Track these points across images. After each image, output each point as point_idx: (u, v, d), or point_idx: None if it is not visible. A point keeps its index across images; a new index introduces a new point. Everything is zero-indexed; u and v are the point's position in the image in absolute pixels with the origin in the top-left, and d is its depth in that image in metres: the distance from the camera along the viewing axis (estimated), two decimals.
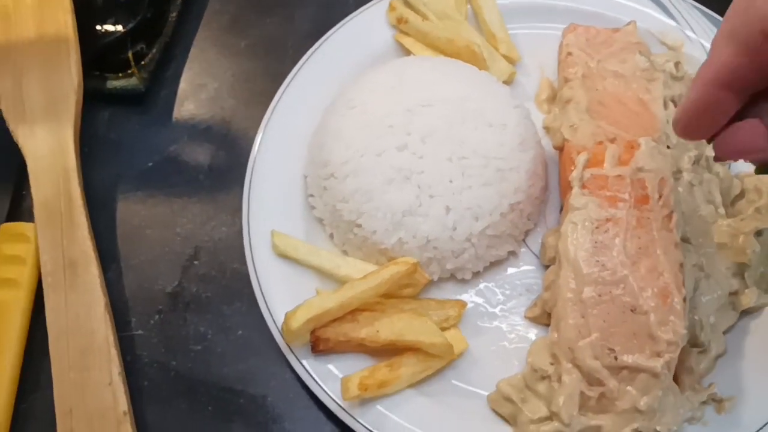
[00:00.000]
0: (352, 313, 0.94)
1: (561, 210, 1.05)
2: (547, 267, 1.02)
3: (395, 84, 1.03)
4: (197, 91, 1.23)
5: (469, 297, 1.02)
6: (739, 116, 0.68)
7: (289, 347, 0.95)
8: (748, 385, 0.94)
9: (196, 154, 1.18)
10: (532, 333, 0.99)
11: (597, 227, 0.91)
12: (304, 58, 1.16)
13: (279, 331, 0.96)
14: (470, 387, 0.95)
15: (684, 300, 0.87)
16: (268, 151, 1.09)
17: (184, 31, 1.28)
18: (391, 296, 0.98)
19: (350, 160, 0.99)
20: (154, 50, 1.22)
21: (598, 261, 0.90)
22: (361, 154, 0.99)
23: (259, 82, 1.23)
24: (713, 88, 0.65)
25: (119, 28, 1.22)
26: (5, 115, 1.11)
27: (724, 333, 0.97)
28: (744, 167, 1.10)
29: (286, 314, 0.92)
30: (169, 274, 1.08)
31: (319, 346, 0.93)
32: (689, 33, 1.18)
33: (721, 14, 1.18)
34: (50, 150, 1.08)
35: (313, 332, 0.93)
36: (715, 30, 1.16)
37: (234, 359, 1.02)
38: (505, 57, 1.15)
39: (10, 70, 1.13)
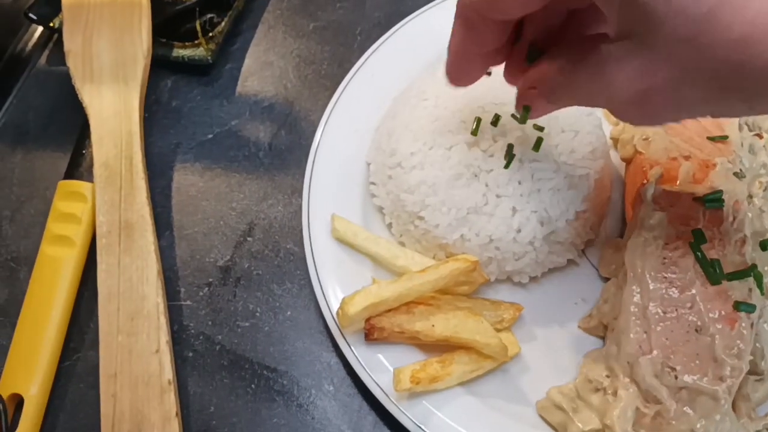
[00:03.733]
0: (408, 305, 0.93)
1: (623, 222, 1.04)
2: (603, 279, 1.01)
3: None
4: (262, 68, 1.23)
5: (525, 301, 1.01)
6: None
7: (342, 333, 0.94)
8: None
9: (257, 131, 1.17)
10: (586, 343, 0.98)
11: (667, 244, 0.90)
12: (374, 46, 1.15)
13: (332, 314, 0.95)
14: (520, 391, 0.94)
15: (752, 326, 0.85)
16: (332, 135, 1.08)
17: (255, 6, 1.28)
18: (446, 292, 0.97)
19: (419, 152, 0.98)
20: (223, 23, 1.22)
21: (665, 277, 0.88)
22: (430, 146, 0.98)
23: (325, 65, 1.23)
24: (457, 55, 0.80)
25: None
26: (73, 72, 1.10)
27: None
28: None
29: (343, 299, 0.91)
30: (221, 247, 1.08)
31: (373, 335, 0.91)
32: None
33: None
34: (115, 112, 1.08)
35: (368, 320, 0.92)
36: None
37: (281, 339, 1.01)
38: None
39: (81, 29, 1.13)
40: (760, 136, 1.04)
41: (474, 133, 0.95)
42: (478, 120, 0.95)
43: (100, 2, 1.14)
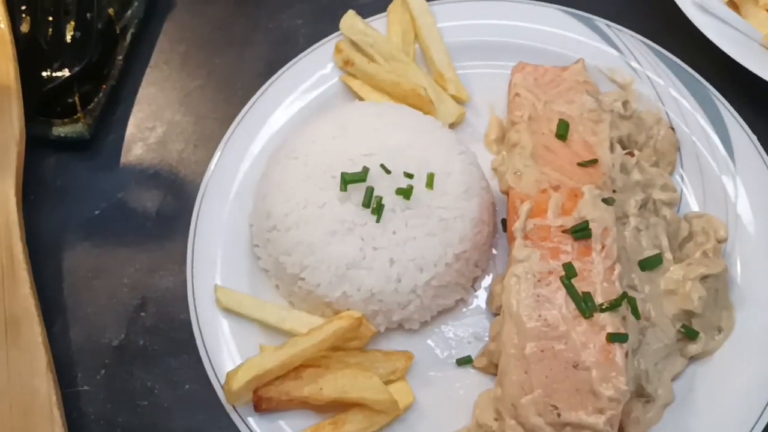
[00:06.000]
0: (296, 369, 0.93)
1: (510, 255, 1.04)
2: (495, 314, 1.01)
3: (337, 134, 1.02)
4: (145, 135, 1.22)
5: (419, 345, 1.01)
6: None
7: (233, 406, 0.94)
8: None
9: (144, 200, 1.16)
10: (481, 383, 0.98)
11: (539, 280, 0.91)
12: (250, 102, 1.15)
13: (222, 389, 0.94)
14: None
15: (626, 355, 0.86)
16: (213, 199, 1.08)
17: (132, 73, 1.26)
18: (337, 348, 0.97)
19: (292, 212, 0.98)
20: (100, 94, 1.20)
21: (540, 315, 0.89)
22: (303, 206, 0.98)
23: (208, 124, 1.22)
24: None
25: (65, 71, 1.21)
26: None
27: (672, 380, 0.97)
28: (693, 207, 1.10)
29: (227, 374, 0.91)
30: (115, 326, 1.07)
31: (261, 406, 0.92)
32: (635, 65, 1.17)
33: (669, 50, 1.17)
34: None
35: (255, 391, 0.92)
36: (663, 66, 1.16)
37: (181, 414, 1.00)
38: (454, 97, 1.15)
39: None
40: (632, 154, 1.05)
41: (343, 189, 0.95)
42: (344, 176, 0.95)
43: None
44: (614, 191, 1.00)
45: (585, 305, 0.88)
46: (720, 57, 1.12)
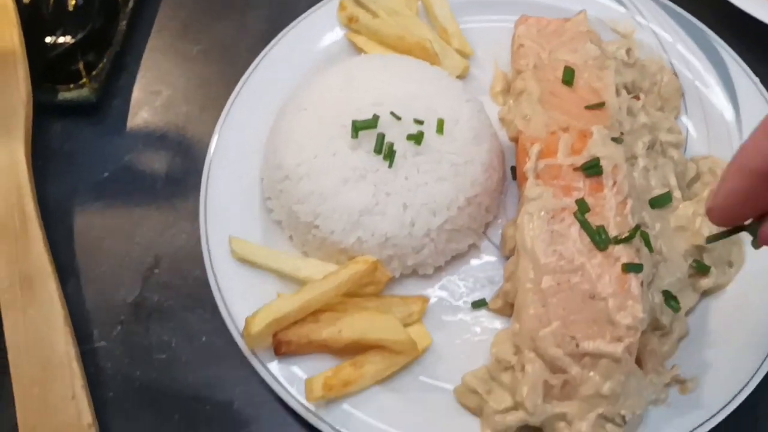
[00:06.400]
0: (314, 314, 0.94)
1: (520, 201, 1.05)
2: (508, 258, 1.02)
3: (346, 84, 1.02)
4: (151, 99, 1.22)
5: (433, 291, 1.02)
6: None
7: (252, 352, 0.94)
8: (711, 365, 0.94)
9: (153, 162, 1.17)
10: (497, 324, 0.99)
11: (553, 217, 0.92)
12: (256, 61, 1.15)
13: (241, 336, 0.95)
14: (436, 381, 0.95)
15: (641, 284, 0.87)
16: (223, 155, 1.08)
17: (135, 39, 1.27)
18: (353, 295, 0.97)
19: (304, 162, 0.99)
20: (104, 60, 1.21)
21: (555, 250, 0.90)
22: (315, 155, 0.98)
23: (213, 87, 1.22)
24: (755, 178, 0.66)
25: (68, 39, 1.21)
26: None
27: (686, 315, 0.98)
28: (699, 150, 1.11)
29: (246, 319, 0.92)
30: (129, 284, 1.07)
31: (281, 349, 0.92)
32: (639, 19, 1.19)
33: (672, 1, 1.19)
34: (1, 166, 1.07)
35: (274, 335, 0.92)
36: (665, 16, 1.17)
37: (199, 366, 1.01)
38: (458, 51, 1.16)
39: None
40: (637, 97, 1.07)
41: (354, 136, 0.96)
42: (354, 123, 0.96)
43: None
44: (621, 134, 1.01)
45: (599, 238, 0.89)
46: (720, 3, 1.13)
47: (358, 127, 0.96)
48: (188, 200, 1.12)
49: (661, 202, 0.99)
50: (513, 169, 1.09)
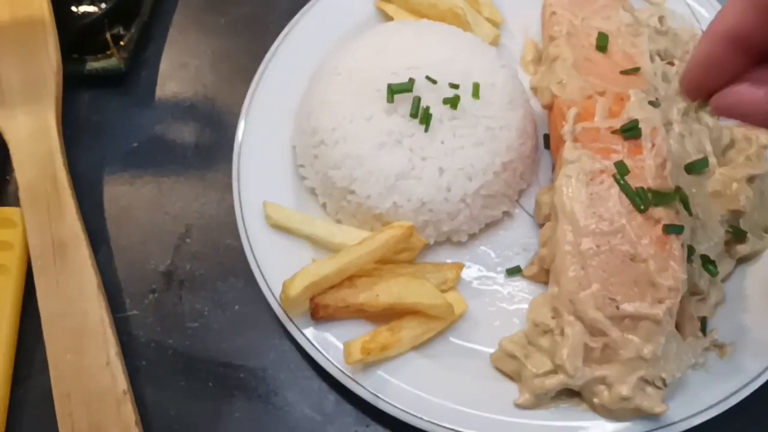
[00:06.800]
0: (350, 279, 0.93)
1: (553, 169, 1.05)
2: (541, 226, 1.02)
3: (380, 49, 1.02)
4: (178, 70, 1.22)
5: (467, 259, 1.01)
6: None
7: (288, 317, 0.94)
8: (747, 331, 0.94)
9: (182, 132, 1.16)
10: (531, 291, 0.99)
11: (592, 179, 0.91)
12: (285, 30, 1.15)
13: (277, 301, 0.95)
14: (473, 347, 0.95)
15: (682, 245, 0.87)
16: (254, 124, 1.08)
17: (162, 10, 1.26)
18: (388, 261, 0.97)
19: (339, 127, 0.98)
20: (132, 31, 1.20)
21: (594, 212, 0.89)
22: (350, 120, 0.98)
23: (240, 59, 1.22)
24: (722, 43, 0.65)
25: (96, 9, 1.21)
26: None
27: (723, 281, 0.97)
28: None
29: (284, 282, 0.91)
30: (161, 253, 1.07)
31: (318, 313, 0.92)
32: None
33: None
34: (32, 133, 1.06)
35: (312, 299, 0.92)
36: None
37: (232, 334, 1.01)
38: (489, 20, 1.15)
39: None
40: (672, 63, 1.06)
41: (390, 100, 0.95)
42: (390, 87, 0.95)
43: (3, 25, 1.12)
44: (657, 99, 1.00)
45: (639, 199, 0.88)
46: None
47: (394, 91, 0.95)
48: (218, 171, 1.11)
49: (697, 167, 0.98)
50: (546, 137, 1.08)
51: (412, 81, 0.96)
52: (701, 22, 1.15)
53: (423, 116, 0.95)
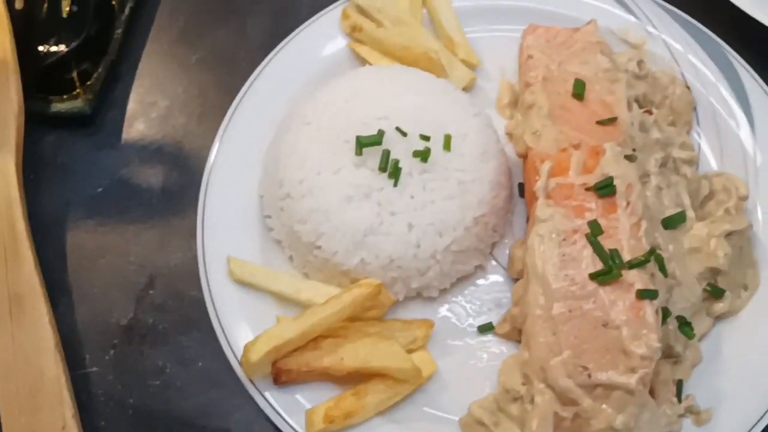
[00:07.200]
0: (315, 340, 0.90)
1: (528, 220, 1.02)
2: (515, 280, 0.99)
3: (350, 97, 0.99)
4: (147, 110, 1.18)
5: (438, 314, 0.99)
6: None
7: (250, 380, 0.91)
8: (725, 395, 0.91)
9: (149, 176, 1.13)
10: (504, 349, 0.96)
11: (564, 239, 0.88)
12: (256, 71, 1.12)
13: (239, 362, 0.91)
14: (441, 412, 0.92)
15: (656, 312, 0.84)
16: (221, 170, 1.05)
17: (131, 47, 1.23)
18: (355, 319, 0.94)
19: (306, 179, 0.95)
20: (99, 69, 1.17)
21: (566, 275, 0.86)
22: (318, 172, 0.95)
23: (211, 97, 1.18)
24: None
25: (62, 47, 1.17)
26: None
27: (700, 341, 0.94)
28: (712, 166, 1.07)
29: (245, 346, 0.88)
30: (123, 305, 1.03)
31: (281, 378, 0.89)
32: (650, 29, 1.15)
33: (682, 9, 1.15)
34: None
35: (274, 364, 0.89)
36: (677, 26, 1.14)
37: (194, 392, 0.97)
38: (464, 62, 1.12)
39: None
40: (650, 112, 1.03)
41: (358, 153, 0.92)
42: (359, 139, 0.92)
43: None
44: (634, 150, 0.97)
45: (613, 262, 0.85)
46: (734, 14, 1.10)
47: (363, 144, 0.92)
48: (185, 217, 1.08)
49: (674, 222, 0.95)
50: (521, 185, 1.05)
51: (381, 133, 0.93)
52: (681, 64, 1.12)
53: (392, 170, 0.92)
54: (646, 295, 0.84)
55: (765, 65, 1.12)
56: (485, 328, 0.97)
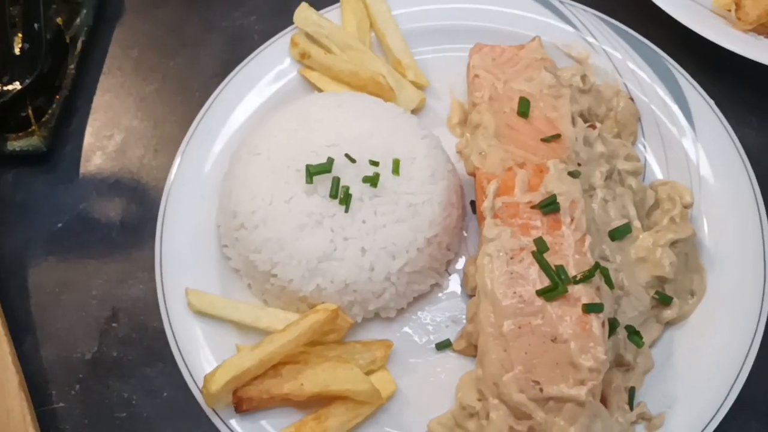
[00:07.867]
0: (275, 367, 0.92)
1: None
2: (471, 296, 1.01)
3: (299, 126, 1.01)
4: (103, 144, 1.20)
5: (396, 334, 1.01)
6: None
7: (213, 409, 0.92)
8: (676, 399, 0.94)
9: (107, 210, 1.14)
10: (462, 365, 0.98)
11: (512, 257, 0.91)
12: (208, 102, 1.13)
13: (201, 392, 0.93)
14: (403, 430, 0.93)
15: (603, 324, 0.87)
16: (178, 202, 1.06)
17: (86, 81, 1.24)
18: (315, 343, 0.96)
19: (258, 210, 0.97)
20: (54, 105, 1.18)
21: (515, 292, 0.89)
22: (269, 202, 0.96)
23: (167, 127, 1.20)
24: None
25: (16, 85, 1.18)
26: None
27: (651, 347, 0.97)
28: (657, 176, 1.10)
29: (205, 377, 0.90)
30: (87, 339, 1.05)
31: (242, 407, 0.90)
32: (591, 40, 1.17)
33: (621, 21, 1.18)
34: None
35: (234, 392, 0.90)
36: (616, 36, 1.16)
37: (161, 423, 0.99)
38: (414, 83, 1.14)
39: None
40: (593, 126, 1.06)
41: (308, 181, 0.94)
42: (308, 168, 0.94)
43: None
44: (579, 164, 1.00)
45: (559, 278, 0.88)
46: (673, 25, 1.13)
47: (312, 172, 0.94)
48: (145, 249, 1.09)
49: (620, 233, 0.98)
50: (473, 203, 1.07)
51: (330, 161, 0.95)
52: (624, 76, 1.15)
53: (343, 197, 0.94)
54: (591, 309, 0.86)
55: (704, 74, 1.16)
56: (443, 345, 0.99)
